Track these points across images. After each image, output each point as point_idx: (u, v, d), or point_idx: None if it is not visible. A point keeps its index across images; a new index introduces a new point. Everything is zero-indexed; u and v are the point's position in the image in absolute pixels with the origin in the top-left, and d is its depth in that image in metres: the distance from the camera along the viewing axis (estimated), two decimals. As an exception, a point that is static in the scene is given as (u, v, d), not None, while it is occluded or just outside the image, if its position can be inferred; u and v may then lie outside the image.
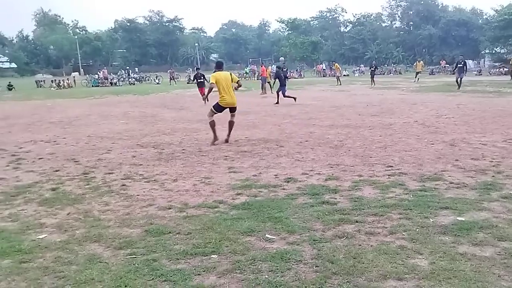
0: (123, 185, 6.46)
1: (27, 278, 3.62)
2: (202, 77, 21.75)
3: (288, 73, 42.17)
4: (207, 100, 9.91)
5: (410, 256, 3.78)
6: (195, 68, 25.43)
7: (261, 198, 5.61)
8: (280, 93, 19.23)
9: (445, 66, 55.79)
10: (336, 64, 41.00)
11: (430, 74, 51.71)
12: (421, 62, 40.33)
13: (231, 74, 10.29)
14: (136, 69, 66.27)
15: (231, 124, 10.11)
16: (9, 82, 42.86)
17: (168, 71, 49.78)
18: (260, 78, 30.08)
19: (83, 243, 4.30)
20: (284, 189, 6.00)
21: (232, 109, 10.23)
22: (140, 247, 4.15)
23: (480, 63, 69.55)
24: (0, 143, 10.55)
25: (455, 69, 26.27)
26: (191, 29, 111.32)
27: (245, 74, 52.85)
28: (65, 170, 7.53)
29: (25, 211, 5.41)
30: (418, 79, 35.15)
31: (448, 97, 20.44)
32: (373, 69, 33.58)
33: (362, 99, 20.28)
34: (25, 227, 4.83)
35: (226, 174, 6.92)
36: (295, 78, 40.80)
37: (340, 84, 33.39)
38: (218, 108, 10.05)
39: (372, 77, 32.02)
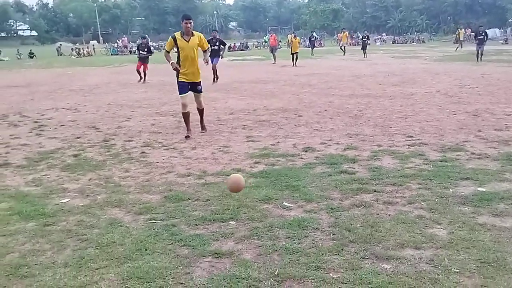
0: (143, 152, 6.54)
1: (51, 240, 3.72)
2: (146, 49, 17.62)
3: (317, 42, 40.48)
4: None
5: (429, 225, 3.76)
6: (140, 36, 20.24)
7: (279, 167, 5.62)
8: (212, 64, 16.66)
9: (470, 35, 54.10)
10: (346, 32, 37.39)
11: (454, 43, 50.23)
12: (463, 30, 37.98)
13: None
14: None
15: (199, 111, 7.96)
16: (30, 50, 43.29)
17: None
18: (269, 47, 29.00)
19: (104, 208, 4.39)
20: (302, 158, 5.99)
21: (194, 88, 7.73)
22: (159, 213, 4.22)
23: (506, 31, 67.21)
24: (23, 110, 10.74)
25: (475, 40, 23.66)
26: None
27: (264, 43, 52.16)
28: (86, 137, 7.65)
29: (48, 176, 5.54)
30: (462, 46, 33.43)
31: (472, 66, 19.91)
32: (365, 39, 31.30)
33: (383, 69, 19.90)
34: (48, 191, 4.96)
35: (244, 143, 6.94)
36: (315, 47, 40.02)
37: (344, 54, 31.55)
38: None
39: (364, 48, 29.97)
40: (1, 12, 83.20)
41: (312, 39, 36.33)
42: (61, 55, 45.02)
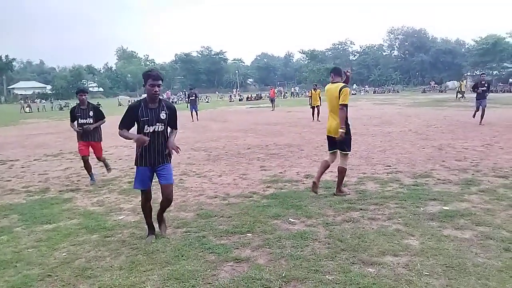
0: (181, 179, 6.59)
1: (110, 248, 3.75)
2: (92, 113, 6.75)
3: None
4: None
5: (404, 237, 3.70)
6: (77, 90, 6.66)
7: (285, 190, 5.60)
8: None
9: (434, 86, 54.65)
10: (318, 90, 30.32)
11: (422, 92, 50.27)
12: (464, 82, 32.24)
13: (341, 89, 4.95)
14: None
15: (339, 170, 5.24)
16: (98, 102, 44.34)
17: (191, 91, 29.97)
18: (269, 98, 28.01)
19: (151, 223, 4.40)
20: (304, 183, 5.97)
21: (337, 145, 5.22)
22: (193, 227, 4.23)
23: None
24: (91, 148, 10.95)
25: (475, 91, 13.30)
26: (232, 60, 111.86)
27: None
28: (138, 168, 7.73)
29: (109, 198, 5.61)
30: (464, 97, 28.10)
31: (436, 110, 19.78)
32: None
33: (366, 113, 19.88)
34: (108, 210, 5.01)
35: (258, 172, 6.94)
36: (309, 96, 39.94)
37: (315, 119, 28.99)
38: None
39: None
40: (77, 74, 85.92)
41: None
42: (120, 105, 46.07)
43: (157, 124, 3.73)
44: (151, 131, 3.71)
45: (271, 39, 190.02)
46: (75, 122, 6.56)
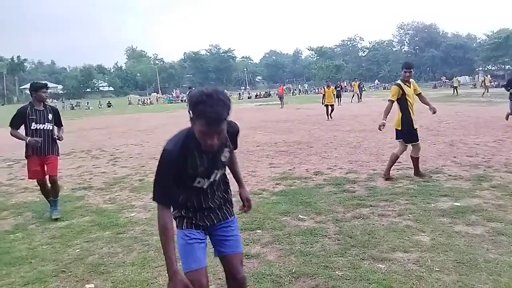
0: (191, 177, 6.61)
1: (122, 245, 3.80)
2: (50, 116, 4.88)
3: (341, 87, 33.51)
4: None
5: (415, 233, 3.68)
6: (33, 86, 4.84)
7: (295, 187, 5.61)
8: None
9: (445, 81, 54.01)
10: (332, 87, 24.45)
11: (433, 88, 49.65)
12: (488, 76, 31.76)
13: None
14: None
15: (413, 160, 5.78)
16: (109, 101, 44.98)
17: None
18: (278, 95, 28.55)
19: (161, 220, 4.45)
20: (313, 180, 5.96)
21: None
22: (203, 224, 4.25)
23: (475, 78, 66.10)
24: (102, 146, 11.09)
25: (508, 90, 11.12)
26: (241, 58, 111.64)
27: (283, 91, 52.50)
28: (148, 166, 7.81)
29: (120, 196, 5.67)
30: (488, 91, 26.61)
31: (448, 106, 19.50)
32: (339, 89, 24.79)
33: (376, 109, 19.66)
34: (120, 207, 5.07)
35: (267, 169, 6.96)
36: (321, 94, 39.49)
37: (358, 101, 27.95)
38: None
39: (338, 97, 22.96)
40: (87, 74, 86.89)
41: (337, 88, 30.15)
42: (130, 104, 46.48)
43: (216, 171, 2.10)
44: (206, 185, 2.07)
45: (279, 36, 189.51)
46: (22, 129, 4.78)
